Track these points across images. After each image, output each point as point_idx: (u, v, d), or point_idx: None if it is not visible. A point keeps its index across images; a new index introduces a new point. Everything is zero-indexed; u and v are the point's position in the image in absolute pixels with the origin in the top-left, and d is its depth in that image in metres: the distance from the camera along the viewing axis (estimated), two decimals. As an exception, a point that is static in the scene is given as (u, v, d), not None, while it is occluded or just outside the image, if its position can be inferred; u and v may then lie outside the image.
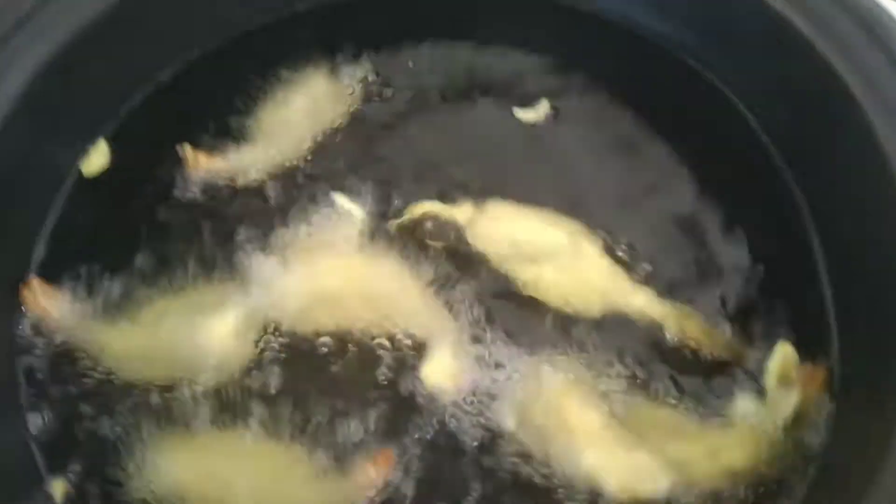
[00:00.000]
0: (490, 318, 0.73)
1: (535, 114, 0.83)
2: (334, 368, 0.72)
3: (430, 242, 0.76)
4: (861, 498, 0.57)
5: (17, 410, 0.70)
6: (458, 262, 0.75)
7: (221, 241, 0.77)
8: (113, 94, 0.82)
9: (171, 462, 0.67)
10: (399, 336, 0.72)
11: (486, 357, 0.71)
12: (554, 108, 0.83)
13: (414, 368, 0.71)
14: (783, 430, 0.67)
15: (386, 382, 0.71)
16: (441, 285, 0.74)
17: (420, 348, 0.71)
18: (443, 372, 0.70)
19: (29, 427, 0.70)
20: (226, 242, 0.77)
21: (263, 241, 0.77)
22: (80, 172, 0.80)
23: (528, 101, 0.83)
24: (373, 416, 0.70)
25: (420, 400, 0.70)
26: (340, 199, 0.78)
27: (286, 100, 0.85)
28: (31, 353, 0.73)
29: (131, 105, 0.83)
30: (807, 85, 0.73)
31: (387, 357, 0.72)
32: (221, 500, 0.65)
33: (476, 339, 0.72)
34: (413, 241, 0.76)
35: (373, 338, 0.72)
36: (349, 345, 0.72)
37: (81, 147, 0.81)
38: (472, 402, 0.69)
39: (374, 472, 0.66)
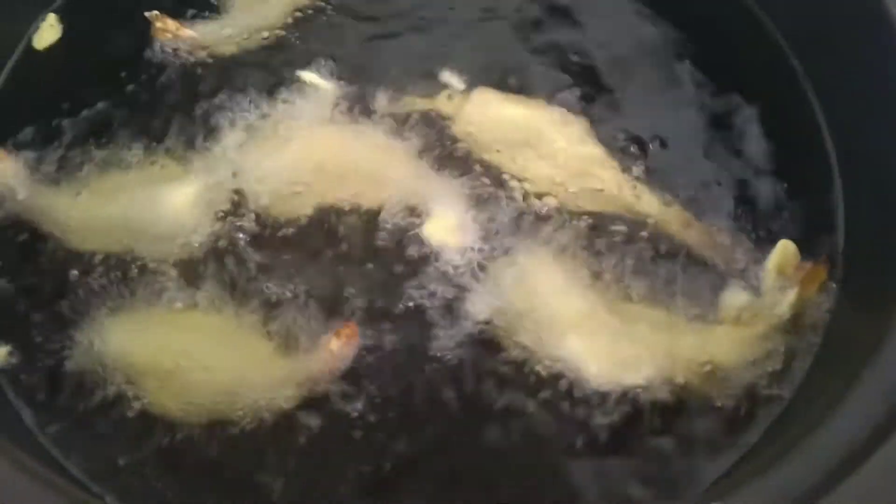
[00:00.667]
0: (477, 208, 0.68)
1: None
2: (309, 242, 0.67)
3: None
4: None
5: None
6: (441, 159, 0.70)
7: (186, 113, 0.73)
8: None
9: (122, 333, 0.63)
10: (388, 204, 0.68)
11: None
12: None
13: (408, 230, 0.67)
14: (777, 329, 0.63)
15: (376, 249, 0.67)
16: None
17: (415, 213, 0.68)
18: (445, 226, 0.67)
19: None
20: (191, 115, 0.72)
21: (231, 116, 0.72)
22: (31, 45, 0.77)
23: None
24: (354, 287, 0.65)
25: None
26: (307, 76, 0.74)
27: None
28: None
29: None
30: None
31: (379, 224, 0.68)
32: (172, 373, 0.61)
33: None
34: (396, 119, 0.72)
35: (354, 209, 0.68)
36: (330, 218, 0.68)
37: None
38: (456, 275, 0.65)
39: (336, 346, 0.61)
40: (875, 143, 0.65)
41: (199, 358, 0.61)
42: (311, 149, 0.70)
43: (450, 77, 0.75)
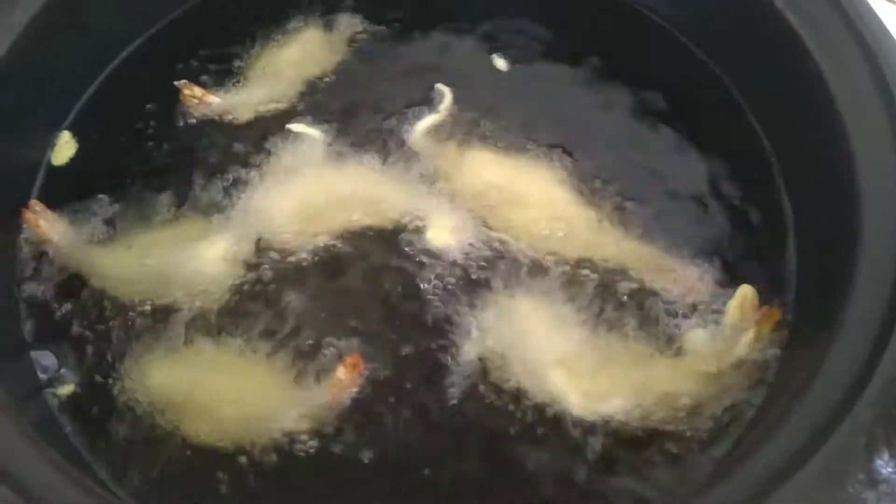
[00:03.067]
0: (465, 253, 0.77)
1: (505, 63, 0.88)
2: (323, 277, 0.76)
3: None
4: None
5: (16, 322, 0.75)
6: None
7: (209, 172, 0.82)
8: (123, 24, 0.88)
9: (163, 373, 0.71)
10: (392, 223, 0.78)
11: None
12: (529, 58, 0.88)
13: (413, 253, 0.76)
14: (735, 364, 0.71)
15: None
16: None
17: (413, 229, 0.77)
18: (445, 228, 0.76)
19: (25, 336, 0.74)
20: (213, 175, 0.81)
21: (245, 171, 0.81)
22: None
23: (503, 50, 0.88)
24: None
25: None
26: (296, 127, 0.83)
27: (281, 46, 0.89)
28: (32, 274, 0.77)
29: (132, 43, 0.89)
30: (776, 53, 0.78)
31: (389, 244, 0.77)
32: (208, 407, 0.69)
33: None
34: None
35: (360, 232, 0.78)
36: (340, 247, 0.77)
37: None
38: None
39: (344, 376, 0.69)
40: (827, 205, 0.73)
41: (228, 394, 0.70)
42: (315, 187, 0.80)
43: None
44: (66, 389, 0.72)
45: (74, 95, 0.85)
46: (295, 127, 0.84)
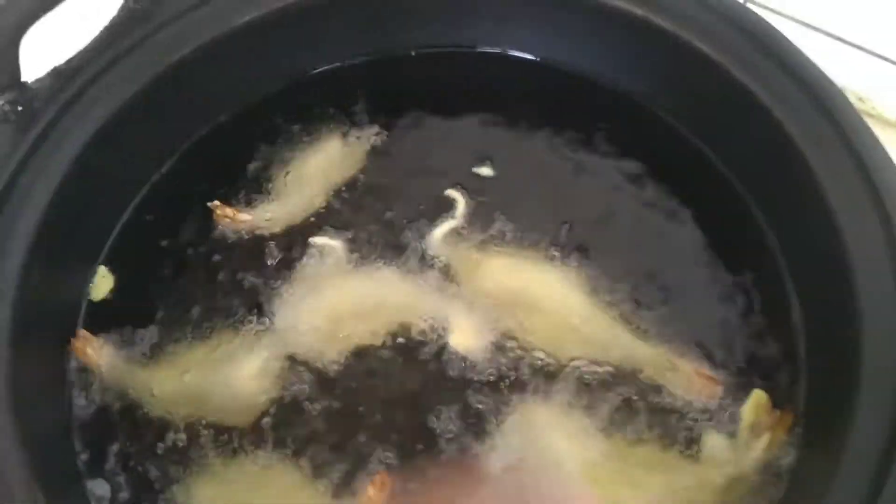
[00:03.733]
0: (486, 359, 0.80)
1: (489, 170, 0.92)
2: (352, 388, 0.80)
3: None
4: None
5: (69, 452, 0.79)
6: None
7: (243, 291, 0.86)
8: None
9: (206, 490, 0.76)
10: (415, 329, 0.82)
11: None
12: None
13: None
14: (751, 469, 0.74)
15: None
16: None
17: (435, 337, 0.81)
18: (467, 331, 0.80)
19: (79, 467, 0.79)
20: (246, 292, 0.86)
21: (275, 289, 0.85)
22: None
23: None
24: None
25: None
26: (317, 240, 0.87)
27: (305, 159, 0.94)
28: (84, 404, 0.81)
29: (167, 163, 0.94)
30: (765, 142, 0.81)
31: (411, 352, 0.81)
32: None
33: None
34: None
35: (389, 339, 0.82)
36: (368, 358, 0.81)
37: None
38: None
39: (373, 494, 0.73)
40: (835, 319, 0.75)
41: None
42: (339, 299, 0.84)
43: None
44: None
45: (108, 229, 0.89)
46: (317, 240, 0.88)
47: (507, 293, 0.84)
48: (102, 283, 0.87)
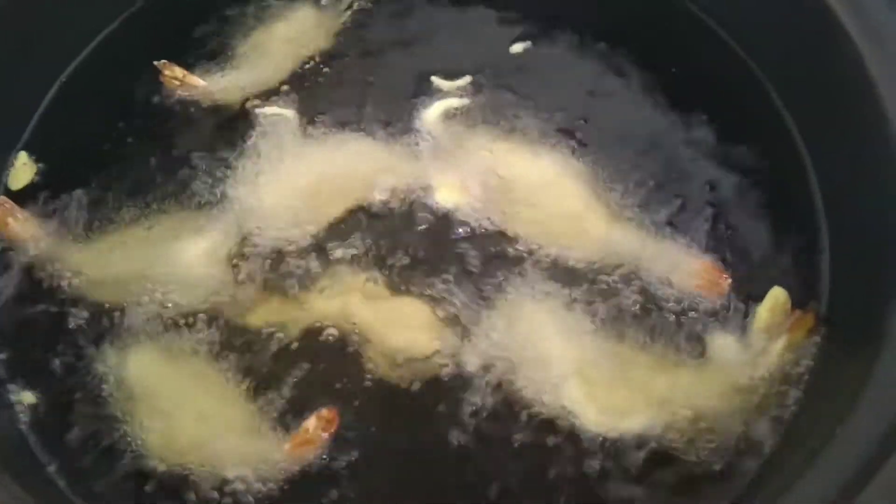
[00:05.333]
0: (466, 259, 0.71)
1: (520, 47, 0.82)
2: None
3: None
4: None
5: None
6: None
7: (192, 164, 0.76)
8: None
9: (132, 369, 0.66)
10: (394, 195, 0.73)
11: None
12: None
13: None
14: (762, 377, 0.65)
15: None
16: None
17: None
18: (453, 187, 0.73)
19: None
20: (196, 165, 0.76)
21: (230, 162, 0.76)
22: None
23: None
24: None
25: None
26: (268, 109, 0.78)
27: (272, 26, 0.83)
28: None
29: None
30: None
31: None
32: (169, 414, 0.64)
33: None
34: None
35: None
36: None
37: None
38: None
39: (312, 429, 0.62)
40: (863, 202, 0.68)
41: (194, 407, 0.64)
42: (301, 173, 0.74)
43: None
44: (28, 397, 0.67)
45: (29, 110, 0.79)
46: (267, 110, 0.78)
47: (503, 181, 0.74)
48: (22, 172, 0.76)
